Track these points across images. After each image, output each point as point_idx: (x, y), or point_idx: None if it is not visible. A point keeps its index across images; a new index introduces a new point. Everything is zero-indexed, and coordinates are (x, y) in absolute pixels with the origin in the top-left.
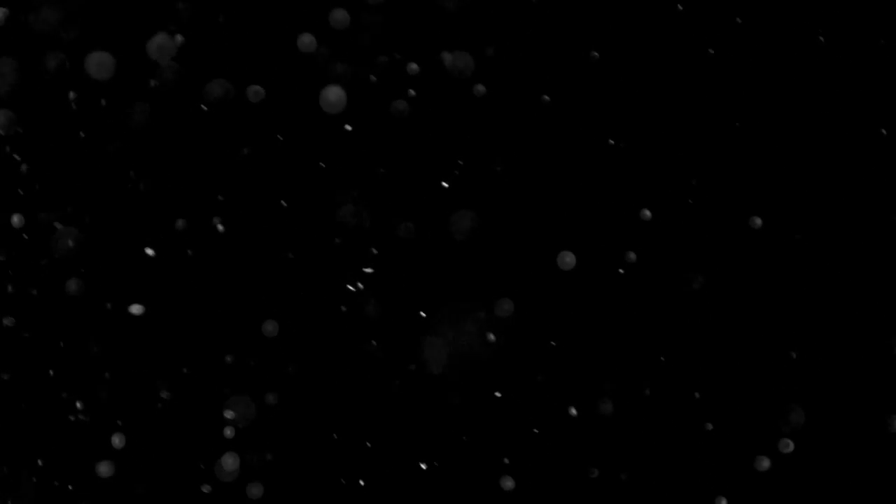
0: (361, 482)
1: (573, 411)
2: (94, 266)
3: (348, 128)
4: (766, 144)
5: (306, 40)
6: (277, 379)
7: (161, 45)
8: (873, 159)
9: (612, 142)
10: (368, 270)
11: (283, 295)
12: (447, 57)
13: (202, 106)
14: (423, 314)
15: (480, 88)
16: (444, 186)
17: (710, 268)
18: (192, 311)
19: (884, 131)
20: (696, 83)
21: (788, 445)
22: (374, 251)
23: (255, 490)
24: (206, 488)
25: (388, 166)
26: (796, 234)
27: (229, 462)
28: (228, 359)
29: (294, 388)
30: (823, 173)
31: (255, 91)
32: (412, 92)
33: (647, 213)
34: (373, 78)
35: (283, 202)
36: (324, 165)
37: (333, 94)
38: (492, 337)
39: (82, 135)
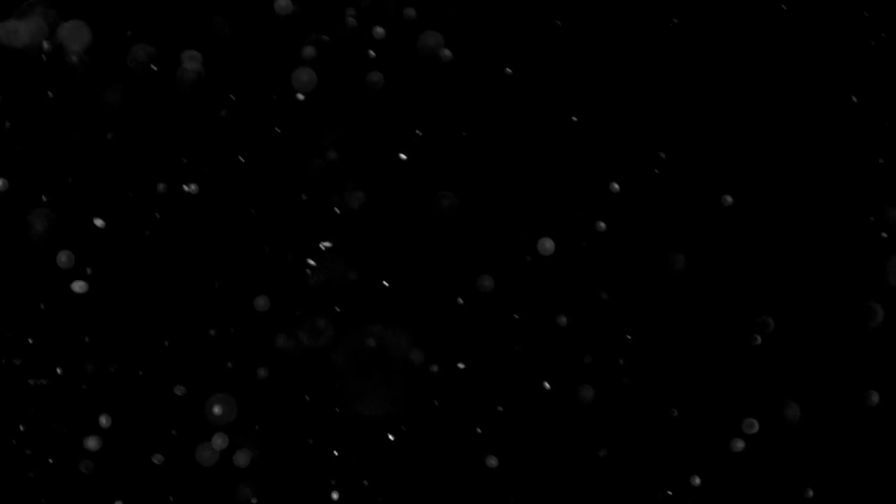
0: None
1: (547, 385)
2: (74, 240)
3: (300, 97)
4: (735, 118)
5: (282, 3)
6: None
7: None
8: (845, 130)
9: (574, 119)
10: (327, 244)
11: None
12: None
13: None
14: (385, 283)
15: (447, 54)
16: (401, 158)
17: (682, 244)
18: (170, 284)
19: (854, 98)
20: (662, 55)
21: (753, 426)
22: (337, 210)
23: (242, 458)
24: (157, 459)
25: (348, 133)
26: (767, 209)
27: (218, 443)
28: (212, 332)
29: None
30: (795, 147)
31: (191, 56)
32: (372, 53)
33: (616, 186)
34: (324, 38)
35: (240, 157)
36: (279, 130)
37: (305, 74)
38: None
39: (50, 94)
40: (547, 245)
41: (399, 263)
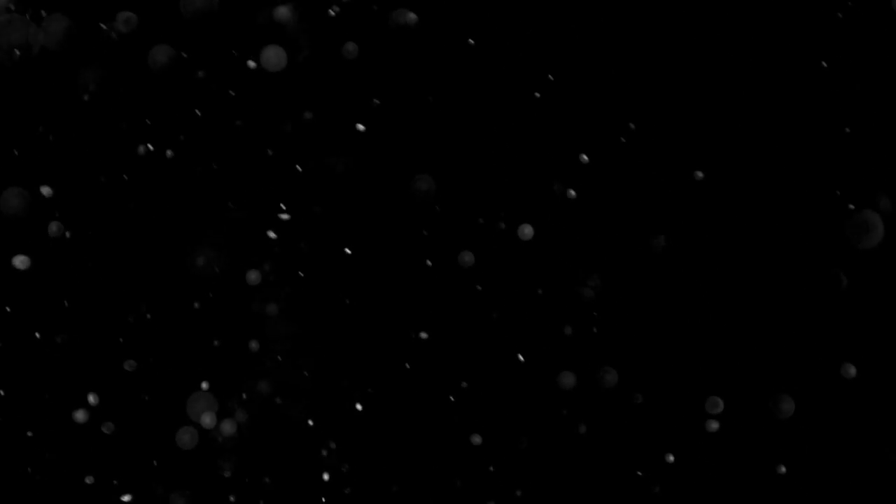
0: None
1: (521, 358)
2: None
3: (252, 64)
4: (704, 92)
5: None
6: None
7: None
8: (821, 103)
9: (537, 96)
10: (285, 217)
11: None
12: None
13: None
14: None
15: (412, 17)
16: (359, 129)
17: (654, 220)
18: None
19: (824, 63)
20: (633, 28)
21: (718, 405)
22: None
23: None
24: (106, 428)
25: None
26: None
27: (206, 421)
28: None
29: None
30: (763, 121)
31: (127, 18)
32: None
33: (585, 157)
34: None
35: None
36: (233, 93)
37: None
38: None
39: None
40: (526, 231)
41: (371, 237)
